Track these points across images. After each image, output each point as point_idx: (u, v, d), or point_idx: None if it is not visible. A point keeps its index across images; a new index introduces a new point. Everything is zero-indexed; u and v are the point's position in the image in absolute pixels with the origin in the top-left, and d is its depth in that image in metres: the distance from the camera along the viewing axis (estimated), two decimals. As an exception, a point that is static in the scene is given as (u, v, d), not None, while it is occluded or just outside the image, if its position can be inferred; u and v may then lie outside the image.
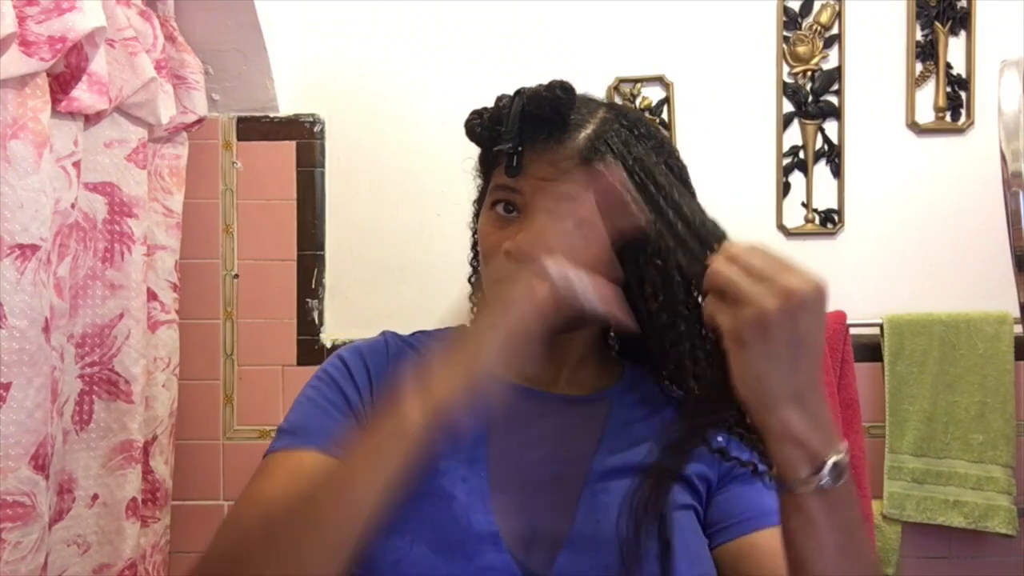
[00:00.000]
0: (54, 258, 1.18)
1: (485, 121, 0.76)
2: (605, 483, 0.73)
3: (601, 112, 0.74)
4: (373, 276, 1.76)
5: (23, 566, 1.10)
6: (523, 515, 0.71)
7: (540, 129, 0.72)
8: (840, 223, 1.72)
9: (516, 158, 0.71)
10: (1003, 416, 1.58)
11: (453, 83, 1.74)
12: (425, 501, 0.70)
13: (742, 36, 1.74)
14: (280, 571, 0.61)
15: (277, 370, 1.71)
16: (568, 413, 0.78)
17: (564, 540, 0.70)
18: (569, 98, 0.72)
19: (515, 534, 0.70)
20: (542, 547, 0.70)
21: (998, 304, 1.62)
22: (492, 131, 0.75)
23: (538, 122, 0.71)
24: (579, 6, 1.75)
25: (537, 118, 0.71)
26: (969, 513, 1.57)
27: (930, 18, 1.71)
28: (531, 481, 0.71)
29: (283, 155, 1.72)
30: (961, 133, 1.72)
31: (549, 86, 0.72)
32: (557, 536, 0.70)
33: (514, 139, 0.72)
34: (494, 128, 0.75)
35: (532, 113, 0.71)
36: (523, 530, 0.70)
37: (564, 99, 0.71)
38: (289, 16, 1.72)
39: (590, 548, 0.69)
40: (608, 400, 0.79)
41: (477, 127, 0.77)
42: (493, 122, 0.75)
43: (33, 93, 1.12)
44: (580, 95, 0.76)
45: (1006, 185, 1.22)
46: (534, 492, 0.72)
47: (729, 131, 1.73)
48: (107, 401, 1.37)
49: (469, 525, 0.69)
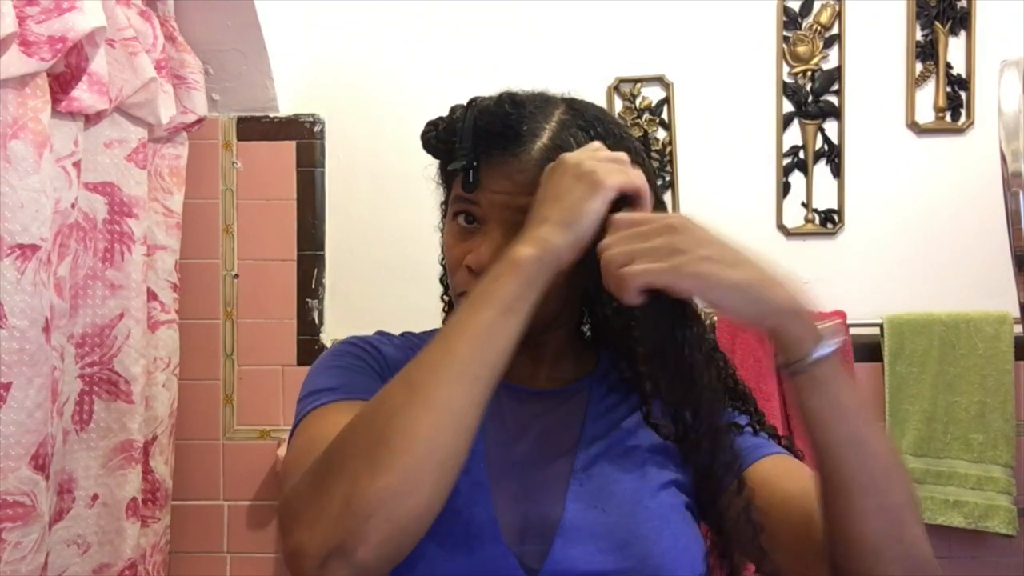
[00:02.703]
0: (54, 258, 1.18)
1: (440, 133, 0.77)
2: (590, 471, 0.74)
3: (557, 115, 0.74)
4: (373, 276, 1.76)
5: (23, 566, 1.10)
6: (518, 507, 0.72)
7: (494, 143, 0.72)
8: (840, 223, 1.72)
9: (472, 173, 0.72)
10: (1003, 416, 1.58)
11: (453, 83, 1.74)
12: None
13: (742, 36, 1.74)
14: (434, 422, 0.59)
15: (277, 370, 1.71)
16: (550, 406, 0.80)
17: (556, 530, 0.71)
18: (519, 112, 0.72)
19: (511, 526, 0.71)
20: (536, 538, 0.71)
21: (998, 304, 1.62)
22: (447, 144, 0.76)
23: (491, 137, 0.72)
24: (579, 6, 1.75)
25: (490, 133, 0.72)
26: (969, 513, 1.57)
27: (930, 18, 1.71)
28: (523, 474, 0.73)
29: (283, 155, 1.72)
30: (961, 133, 1.72)
31: (499, 100, 0.73)
32: (549, 526, 0.72)
33: (468, 155, 0.72)
34: (448, 141, 0.75)
35: (483, 131, 0.72)
36: (518, 522, 0.72)
37: (514, 114, 0.71)
38: (289, 16, 1.72)
39: (580, 537, 0.71)
40: (587, 389, 0.81)
41: (432, 139, 0.78)
42: (448, 134, 0.75)
43: (33, 93, 1.12)
44: (536, 95, 0.76)
45: (1006, 185, 1.22)
46: (526, 483, 0.74)
47: (729, 131, 1.73)
48: (107, 401, 1.37)
49: (471, 517, 0.70)
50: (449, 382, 0.60)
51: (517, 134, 0.72)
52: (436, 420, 0.58)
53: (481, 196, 0.73)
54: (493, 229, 0.73)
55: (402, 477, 0.56)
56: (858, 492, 0.61)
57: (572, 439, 0.77)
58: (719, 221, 0.66)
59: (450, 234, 0.77)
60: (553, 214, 0.65)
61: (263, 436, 1.70)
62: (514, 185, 0.71)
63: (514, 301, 0.63)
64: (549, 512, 0.73)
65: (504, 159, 0.72)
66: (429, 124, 0.79)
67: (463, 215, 0.75)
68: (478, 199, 0.73)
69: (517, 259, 0.64)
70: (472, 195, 0.73)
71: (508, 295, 0.63)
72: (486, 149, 0.72)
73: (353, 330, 1.86)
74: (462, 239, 0.75)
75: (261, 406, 1.71)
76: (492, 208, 0.73)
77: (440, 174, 0.82)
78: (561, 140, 0.72)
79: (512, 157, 0.72)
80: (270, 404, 1.70)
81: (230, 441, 1.71)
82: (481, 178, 0.72)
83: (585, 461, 0.75)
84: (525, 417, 0.79)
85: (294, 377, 1.70)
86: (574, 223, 0.64)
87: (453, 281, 0.77)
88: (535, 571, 0.69)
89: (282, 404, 1.70)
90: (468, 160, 0.72)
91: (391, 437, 0.57)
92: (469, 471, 0.72)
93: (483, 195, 0.73)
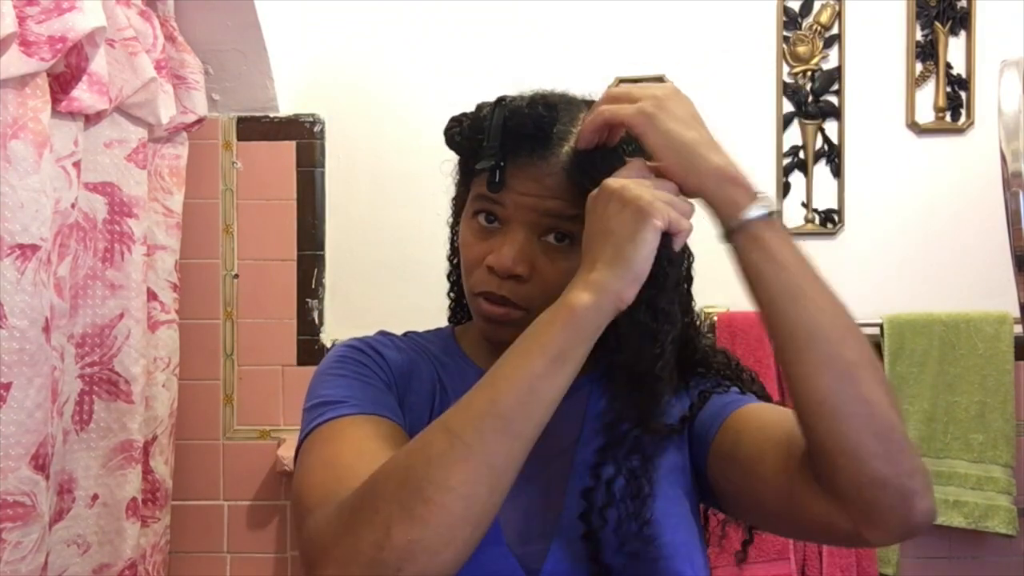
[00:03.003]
0: (54, 258, 1.18)
1: (465, 130, 0.76)
2: (589, 471, 0.74)
3: (582, 118, 0.74)
4: (373, 276, 1.76)
5: (23, 566, 1.10)
6: (518, 508, 0.72)
7: (523, 145, 0.71)
8: (840, 223, 1.72)
9: (499, 173, 0.72)
10: (1003, 416, 1.58)
11: (453, 83, 1.74)
12: None
13: (742, 36, 1.74)
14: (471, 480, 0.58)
15: (277, 370, 1.71)
16: None
17: (555, 531, 0.71)
18: (552, 115, 0.72)
19: (512, 527, 0.71)
20: (536, 539, 0.71)
21: (998, 304, 1.62)
22: (471, 141, 0.75)
23: (520, 138, 0.71)
24: (579, 6, 1.75)
25: (519, 135, 0.71)
26: (969, 513, 1.57)
27: (930, 18, 1.71)
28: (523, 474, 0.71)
29: (283, 155, 1.72)
30: (961, 133, 1.72)
31: (531, 103, 0.73)
32: (549, 527, 0.71)
33: (496, 154, 0.72)
34: (473, 138, 0.75)
35: (514, 132, 0.71)
36: (519, 523, 0.71)
37: (547, 116, 0.71)
38: (289, 16, 1.72)
39: (580, 536, 0.70)
40: (587, 387, 0.80)
41: (456, 135, 0.77)
42: (473, 131, 0.75)
43: (33, 93, 1.12)
44: (564, 97, 0.76)
45: (1006, 185, 1.22)
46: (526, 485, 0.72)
47: (729, 131, 1.71)
48: (107, 401, 1.37)
49: None
50: (491, 436, 0.59)
51: (547, 137, 0.71)
52: (474, 475, 0.57)
53: (506, 197, 0.72)
54: (516, 230, 0.72)
55: (435, 532, 0.56)
56: (804, 344, 0.61)
57: (571, 439, 0.77)
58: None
59: (469, 231, 0.76)
60: (606, 253, 0.63)
61: (263, 436, 1.70)
62: (541, 188, 0.71)
63: (566, 351, 0.61)
64: (549, 512, 0.72)
65: (532, 161, 0.71)
66: (453, 120, 0.78)
67: (484, 214, 0.74)
68: (503, 200, 0.73)
69: (573, 306, 0.61)
70: (497, 195, 0.72)
71: (560, 344, 0.61)
72: (514, 149, 0.72)
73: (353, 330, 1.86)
74: (483, 238, 0.74)
75: (261, 406, 1.71)
76: (517, 210, 0.72)
77: (459, 171, 0.82)
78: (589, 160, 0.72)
79: (541, 160, 0.71)
80: (270, 404, 1.70)
81: (230, 441, 1.71)
82: (507, 178, 0.72)
83: (584, 460, 0.75)
84: None
85: (294, 377, 1.70)
86: (629, 262, 0.62)
87: (470, 280, 0.76)
88: (535, 571, 0.69)
89: (282, 404, 1.70)
90: (496, 160, 0.72)
91: (427, 488, 0.56)
92: None
93: (508, 196, 0.72)
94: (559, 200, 0.71)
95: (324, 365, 0.79)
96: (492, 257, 0.72)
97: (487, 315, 0.74)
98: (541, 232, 0.72)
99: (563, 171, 0.71)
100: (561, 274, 0.71)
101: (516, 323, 0.70)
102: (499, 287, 0.72)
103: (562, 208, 0.71)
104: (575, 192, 0.70)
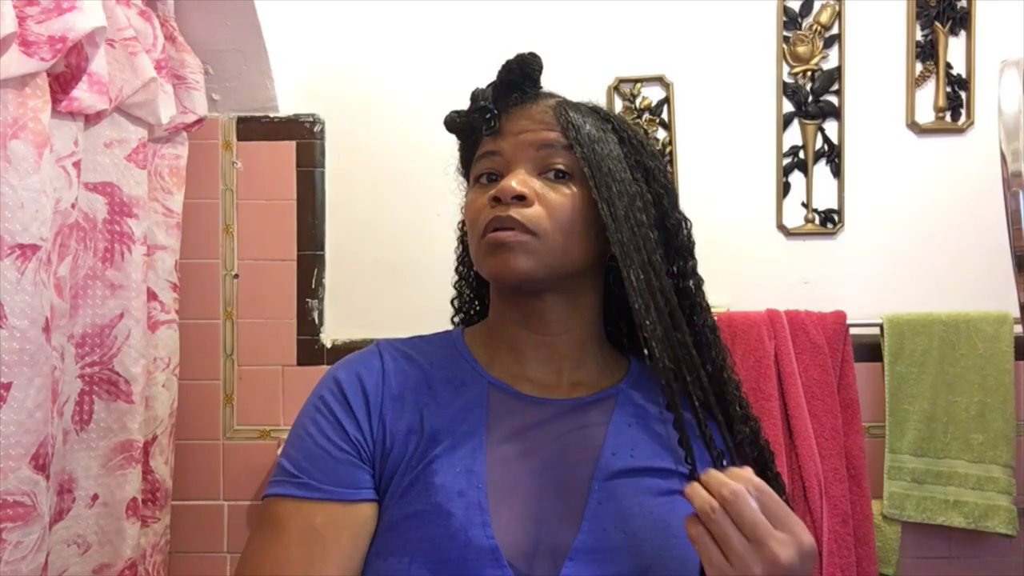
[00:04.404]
0: (54, 258, 1.18)
1: (462, 113, 0.82)
2: (610, 489, 0.71)
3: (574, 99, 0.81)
4: (373, 276, 1.76)
5: (23, 566, 1.10)
6: (525, 527, 0.68)
7: (513, 89, 0.79)
8: (840, 223, 1.72)
9: (494, 120, 0.78)
10: (1003, 416, 1.58)
11: (453, 83, 1.74)
12: (422, 520, 0.68)
13: (742, 36, 1.74)
14: None
15: (277, 370, 1.71)
16: (570, 417, 0.76)
17: (569, 551, 0.68)
18: (536, 60, 0.78)
19: (517, 547, 0.67)
20: (546, 559, 0.67)
21: (998, 304, 1.62)
22: (468, 117, 0.80)
23: (511, 87, 0.78)
24: (579, 6, 1.75)
25: (509, 84, 0.78)
26: (969, 513, 1.57)
27: (930, 18, 1.71)
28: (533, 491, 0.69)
29: (283, 155, 1.72)
30: (961, 133, 1.72)
31: (516, 55, 0.79)
32: (561, 547, 0.68)
33: (490, 102, 0.78)
34: (470, 115, 0.80)
35: (504, 80, 0.78)
36: (525, 543, 0.68)
37: (531, 59, 0.78)
38: (289, 16, 1.72)
39: (597, 559, 0.67)
40: (613, 399, 0.77)
41: (456, 117, 0.82)
42: (469, 111, 0.80)
43: (33, 93, 1.12)
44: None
45: (1006, 185, 1.22)
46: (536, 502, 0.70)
47: (729, 131, 1.73)
48: (107, 401, 1.37)
49: (468, 542, 0.67)
50: None
51: (534, 80, 0.79)
52: None
53: (503, 142, 0.77)
54: (517, 169, 0.76)
55: None
56: None
57: (592, 453, 0.73)
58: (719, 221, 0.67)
59: (473, 194, 0.80)
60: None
61: (263, 436, 1.70)
62: (534, 123, 0.76)
63: None
64: (562, 533, 0.69)
65: (523, 103, 0.78)
66: (453, 111, 0.83)
67: (485, 175, 0.78)
68: (500, 147, 0.77)
69: None
70: (494, 143, 0.77)
71: None
72: (505, 101, 0.78)
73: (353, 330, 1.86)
74: (485, 191, 0.77)
75: (261, 406, 1.71)
76: (515, 149, 0.76)
77: (460, 159, 0.87)
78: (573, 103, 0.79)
79: (531, 101, 0.78)
80: (270, 404, 1.70)
81: (230, 441, 1.71)
82: (502, 123, 0.78)
83: (605, 477, 0.71)
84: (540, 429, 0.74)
85: (294, 377, 1.70)
86: None
87: (476, 229, 0.77)
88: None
89: (282, 404, 1.70)
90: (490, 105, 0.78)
91: None
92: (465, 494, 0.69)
93: (505, 140, 0.77)
94: (554, 131, 0.75)
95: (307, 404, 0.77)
96: (496, 188, 0.75)
97: (496, 241, 0.74)
98: (541, 169, 0.76)
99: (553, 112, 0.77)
100: (566, 199, 0.74)
101: (526, 248, 0.72)
102: (505, 211, 0.74)
103: (557, 138, 0.75)
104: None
